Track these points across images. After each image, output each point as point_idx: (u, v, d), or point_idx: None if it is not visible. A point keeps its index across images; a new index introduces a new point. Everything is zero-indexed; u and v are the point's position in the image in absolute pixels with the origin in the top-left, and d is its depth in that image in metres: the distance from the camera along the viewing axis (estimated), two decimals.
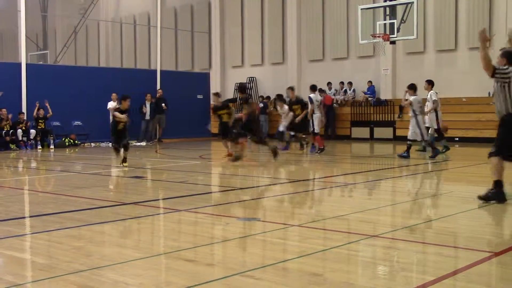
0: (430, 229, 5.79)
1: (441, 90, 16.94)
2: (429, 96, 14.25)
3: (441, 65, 20.81)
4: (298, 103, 15.51)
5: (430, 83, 14.37)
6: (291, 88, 16.07)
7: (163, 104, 22.08)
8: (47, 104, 19.16)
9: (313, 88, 15.62)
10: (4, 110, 18.43)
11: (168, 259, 4.65)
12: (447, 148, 14.65)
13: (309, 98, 15.21)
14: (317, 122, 15.01)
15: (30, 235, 5.78)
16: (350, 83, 22.91)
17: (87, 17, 31.42)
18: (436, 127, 14.30)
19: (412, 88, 13.87)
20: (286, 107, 16.01)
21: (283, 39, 25.27)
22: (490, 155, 7.05)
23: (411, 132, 13.38)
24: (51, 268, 4.33)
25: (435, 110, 14.23)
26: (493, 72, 6.94)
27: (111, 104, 20.33)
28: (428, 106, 14.34)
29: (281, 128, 16.18)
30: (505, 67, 7.00)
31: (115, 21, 32.38)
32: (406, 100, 13.67)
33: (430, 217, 6.22)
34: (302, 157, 14.69)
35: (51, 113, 19.30)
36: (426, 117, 14.16)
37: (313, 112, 14.99)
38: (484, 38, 6.87)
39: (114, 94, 20.28)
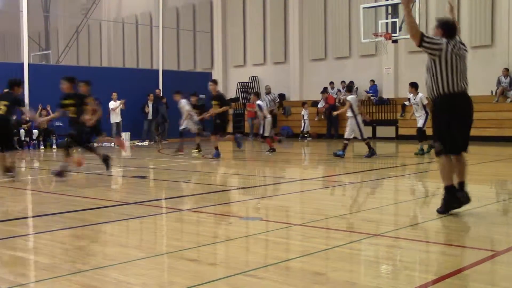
0: (433, 228, 5.78)
1: None
2: (419, 99, 13.85)
3: None
4: (217, 99, 14.42)
5: (414, 86, 13.90)
6: (214, 82, 14.88)
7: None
8: (48, 109, 19.17)
9: (257, 94, 16.49)
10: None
11: (170, 258, 4.65)
12: (423, 151, 14.11)
13: (258, 105, 15.52)
14: (267, 126, 15.32)
15: (33, 235, 5.79)
16: (352, 82, 22.88)
17: (89, 17, 31.45)
18: (421, 126, 13.96)
19: (349, 88, 13.96)
20: (183, 102, 15.79)
21: (285, 38, 25.26)
22: (438, 154, 6.11)
23: (349, 131, 13.29)
24: (54, 268, 4.33)
25: (426, 112, 13.90)
26: (421, 40, 5.90)
27: (113, 104, 20.34)
28: (417, 109, 14.00)
29: (182, 126, 15.85)
30: (436, 37, 6.01)
31: (117, 21, 32.41)
32: (347, 101, 13.41)
33: (432, 216, 6.20)
34: (301, 156, 14.67)
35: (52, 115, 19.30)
36: (420, 119, 13.92)
37: (264, 117, 15.35)
38: (407, 0, 6.04)
39: (114, 94, 20.26)
